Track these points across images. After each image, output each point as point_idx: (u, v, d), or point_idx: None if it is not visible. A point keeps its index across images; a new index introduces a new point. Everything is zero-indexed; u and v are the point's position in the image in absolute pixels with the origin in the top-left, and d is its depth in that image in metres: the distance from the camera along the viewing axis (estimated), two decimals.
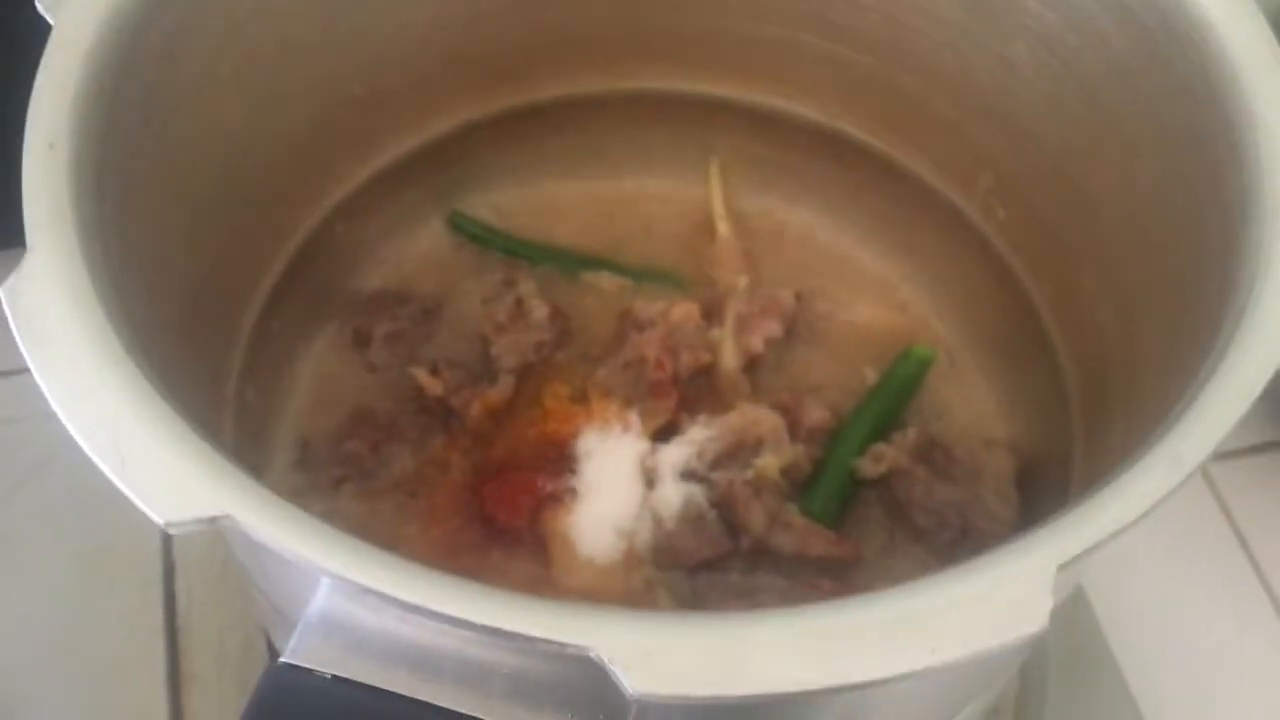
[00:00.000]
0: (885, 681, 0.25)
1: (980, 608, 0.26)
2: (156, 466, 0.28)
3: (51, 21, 0.36)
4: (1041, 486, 0.49)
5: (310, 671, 0.27)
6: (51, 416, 0.29)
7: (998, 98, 0.48)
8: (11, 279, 0.31)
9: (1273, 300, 0.31)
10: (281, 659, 0.28)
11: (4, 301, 0.30)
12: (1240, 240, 0.34)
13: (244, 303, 0.48)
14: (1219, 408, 0.30)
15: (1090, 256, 0.46)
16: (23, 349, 0.30)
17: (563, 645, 0.26)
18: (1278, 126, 0.35)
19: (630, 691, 0.25)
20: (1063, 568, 0.27)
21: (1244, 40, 0.37)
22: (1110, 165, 0.44)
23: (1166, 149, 0.40)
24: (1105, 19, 0.42)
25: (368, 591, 0.27)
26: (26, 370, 0.29)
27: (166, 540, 0.56)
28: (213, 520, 0.27)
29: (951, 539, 0.48)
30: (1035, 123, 0.47)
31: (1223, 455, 0.63)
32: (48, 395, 0.29)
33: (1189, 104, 0.39)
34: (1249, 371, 0.30)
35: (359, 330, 0.53)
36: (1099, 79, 0.43)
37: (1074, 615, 0.55)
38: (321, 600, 0.28)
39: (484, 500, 0.48)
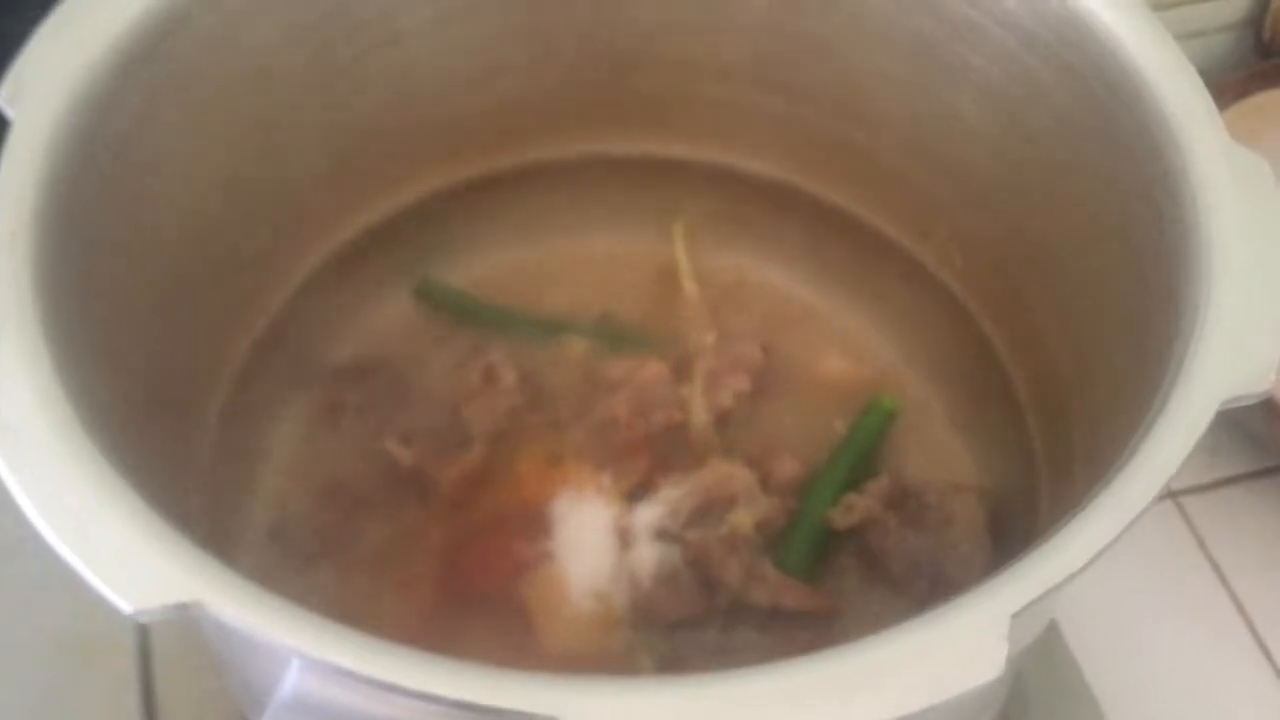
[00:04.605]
0: None
1: (940, 657, 0.27)
2: (124, 556, 0.28)
3: (10, 115, 0.36)
4: (1012, 531, 0.49)
5: None
6: (15, 506, 0.29)
7: (948, 149, 0.49)
8: None
9: (1209, 348, 0.32)
10: None
11: None
12: (1181, 289, 0.35)
13: (213, 380, 0.49)
14: (1163, 452, 0.30)
15: (1044, 303, 0.47)
16: None
17: (531, 716, 0.26)
18: (1212, 179, 0.36)
19: None
20: (1017, 615, 0.27)
21: (1180, 97, 0.38)
22: (1058, 215, 0.45)
23: (1111, 199, 0.41)
24: (1047, 74, 0.43)
25: (338, 670, 0.27)
26: None
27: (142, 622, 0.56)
28: (181, 607, 0.28)
29: (926, 586, 0.48)
30: (985, 173, 0.48)
31: (1196, 488, 0.64)
32: (13, 489, 0.29)
33: (1129, 156, 0.40)
34: (1190, 417, 0.31)
35: (330, 402, 0.53)
36: (1044, 131, 0.44)
37: (1051, 652, 0.55)
38: (292, 680, 0.28)
39: (461, 567, 0.48)
